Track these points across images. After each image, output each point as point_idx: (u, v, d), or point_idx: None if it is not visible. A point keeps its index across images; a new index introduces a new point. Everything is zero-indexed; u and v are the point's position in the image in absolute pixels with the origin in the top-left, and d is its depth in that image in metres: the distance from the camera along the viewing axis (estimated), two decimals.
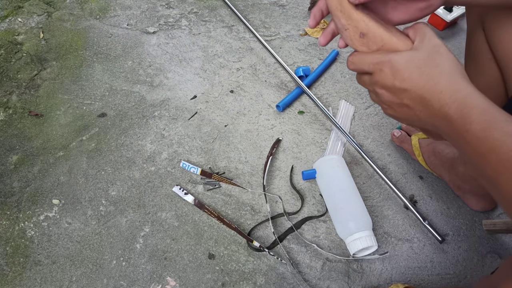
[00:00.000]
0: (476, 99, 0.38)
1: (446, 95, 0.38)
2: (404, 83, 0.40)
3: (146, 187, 0.86)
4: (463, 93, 0.38)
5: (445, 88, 0.39)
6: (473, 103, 0.37)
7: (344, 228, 0.73)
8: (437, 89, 0.39)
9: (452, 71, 0.40)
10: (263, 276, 0.74)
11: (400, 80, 0.40)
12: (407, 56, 0.41)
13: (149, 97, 1.01)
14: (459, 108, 0.38)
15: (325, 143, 0.91)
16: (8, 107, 1.00)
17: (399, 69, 0.40)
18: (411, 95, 0.40)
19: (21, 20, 1.19)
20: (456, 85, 0.39)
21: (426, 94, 0.39)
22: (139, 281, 0.74)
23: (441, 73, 0.39)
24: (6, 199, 0.85)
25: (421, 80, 0.39)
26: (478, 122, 0.36)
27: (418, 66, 0.40)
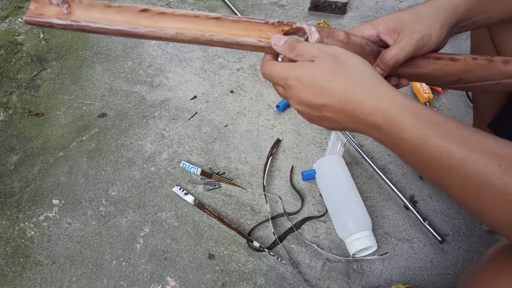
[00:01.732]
0: (401, 102, 0.36)
1: (368, 104, 0.36)
2: (319, 99, 0.38)
3: (146, 187, 0.86)
4: (385, 99, 0.36)
5: (365, 97, 0.37)
6: (398, 109, 0.36)
7: (344, 228, 0.73)
8: (356, 99, 0.37)
9: (364, 77, 0.38)
10: (263, 276, 0.74)
11: (314, 96, 0.39)
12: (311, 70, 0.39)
13: (149, 97, 1.01)
14: (386, 115, 0.36)
15: (325, 143, 0.91)
16: (8, 107, 1.00)
17: (309, 85, 0.39)
18: (331, 108, 0.39)
19: (21, 20, 1.19)
20: (374, 91, 0.37)
21: (347, 107, 0.37)
22: (139, 281, 0.74)
23: (354, 82, 0.37)
24: (6, 199, 0.85)
25: (335, 94, 0.38)
26: (411, 130, 0.35)
27: (327, 79, 0.38)
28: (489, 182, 0.32)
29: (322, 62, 0.39)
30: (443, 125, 0.34)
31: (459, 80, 0.49)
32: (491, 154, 0.32)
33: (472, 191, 0.33)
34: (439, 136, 0.34)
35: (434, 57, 0.48)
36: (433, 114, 0.35)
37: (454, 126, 0.34)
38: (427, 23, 0.45)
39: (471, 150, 0.33)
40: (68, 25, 0.40)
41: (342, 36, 0.45)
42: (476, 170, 0.32)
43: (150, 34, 0.42)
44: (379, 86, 0.37)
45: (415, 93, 0.99)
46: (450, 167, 0.33)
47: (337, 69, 0.38)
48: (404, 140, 0.35)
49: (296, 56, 0.41)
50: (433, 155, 0.34)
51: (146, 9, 0.42)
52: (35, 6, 0.40)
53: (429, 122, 0.35)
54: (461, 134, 0.34)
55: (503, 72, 0.47)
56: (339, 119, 0.39)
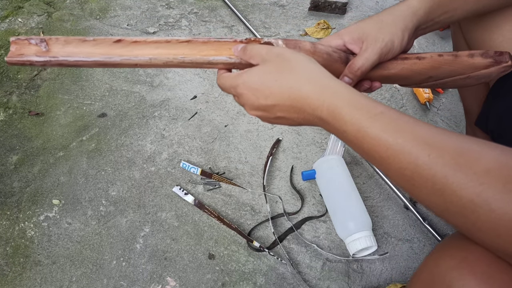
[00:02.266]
0: (343, 95, 0.38)
1: (313, 99, 0.38)
2: (270, 100, 0.40)
3: (146, 187, 0.86)
4: (328, 92, 0.38)
5: (310, 92, 0.38)
6: (341, 102, 0.37)
7: (344, 228, 0.73)
8: (302, 95, 0.39)
9: (308, 72, 0.39)
10: (263, 276, 0.74)
11: (264, 98, 0.40)
12: (258, 73, 0.41)
13: (149, 97, 1.01)
14: (330, 110, 0.37)
15: (325, 143, 0.91)
16: (8, 107, 1.00)
17: (257, 88, 0.40)
18: (282, 108, 0.40)
19: (21, 20, 1.19)
20: (318, 85, 0.39)
21: (295, 103, 0.39)
22: (139, 281, 0.74)
23: (299, 78, 0.39)
24: (6, 199, 0.85)
25: (283, 92, 0.39)
26: (351, 123, 0.36)
27: (274, 79, 0.40)
28: (420, 172, 0.33)
29: (268, 64, 0.41)
30: (380, 116, 0.36)
31: (430, 78, 0.50)
32: (423, 144, 0.33)
33: (408, 180, 0.34)
34: (375, 128, 0.35)
35: (401, 57, 0.49)
36: (372, 105, 0.37)
37: (390, 117, 0.35)
38: (388, 31, 0.47)
39: (405, 141, 0.34)
40: (47, 61, 0.43)
41: (308, 46, 0.47)
42: (409, 161, 0.33)
43: (125, 62, 0.44)
44: (324, 81, 0.39)
45: (415, 93, 0.99)
46: (387, 158, 0.35)
47: (282, 68, 0.40)
48: (347, 133, 0.37)
49: (249, 58, 0.43)
50: (372, 147, 0.36)
51: (120, 40, 0.44)
52: (15, 48, 0.43)
53: (367, 114, 0.36)
54: (396, 125, 0.35)
55: (470, 65, 0.48)
56: (292, 117, 0.41)
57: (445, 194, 0.32)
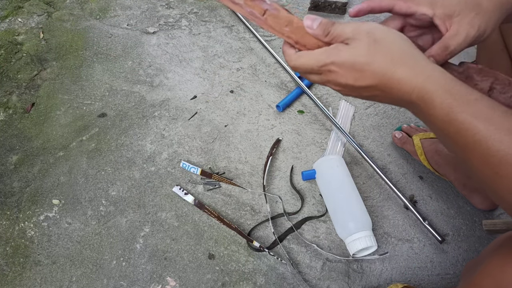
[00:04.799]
0: (436, 79, 0.37)
1: (405, 84, 0.37)
2: (359, 82, 0.39)
3: (146, 187, 0.86)
4: (421, 77, 0.37)
5: (403, 76, 0.37)
6: (433, 86, 0.36)
7: (344, 228, 0.73)
8: (394, 79, 0.37)
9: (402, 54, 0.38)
10: (263, 276, 0.74)
11: (353, 80, 0.39)
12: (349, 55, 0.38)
13: (149, 97, 1.01)
14: (420, 94, 0.37)
15: (325, 143, 0.91)
16: (8, 107, 1.00)
17: (348, 70, 0.39)
18: (369, 90, 0.39)
19: (21, 20, 1.19)
20: (413, 69, 0.37)
21: (384, 87, 0.38)
22: (139, 281, 0.74)
23: (393, 61, 0.38)
24: (6, 199, 0.85)
25: (375, 75, 0.38)
26: (440, 107, 0.36)
27: (366, 63, 0.38)
28: (510, 160, 0.33)
29: (358, 44, 0.38)
30: (473, 102, 0.35)
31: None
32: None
33: (492, 167, 0.34)
34: (467, 113, 0.35)
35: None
36: (466, 91, 0.36)
37: (484, 105, 0.35)
38: (486, 19, 0.42)
39: (497, 129, 0.34)
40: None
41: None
42: (498, 148, 0.33)
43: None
44: (418, 63, 0.38)
45: None
46: (473, 143, 0.34)
47: (374, 50, 0.38)
48: (434, 117, 0.37)
49: (331, 39, 0.41)
50: (459, 130, 0.35)
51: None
52: None
53: (460, 99, 0.35)
54: (490, 113, 0.34)
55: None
56: (377, 95, 0.40)
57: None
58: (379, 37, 0.38)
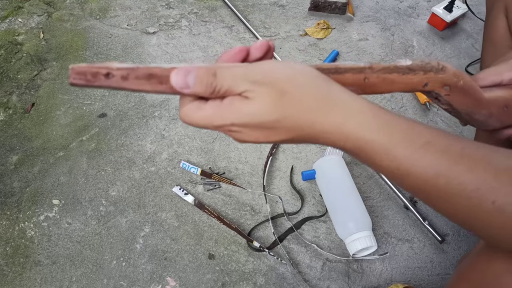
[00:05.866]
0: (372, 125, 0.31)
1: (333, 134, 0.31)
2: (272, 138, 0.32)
3: (146, 187, 0.86)
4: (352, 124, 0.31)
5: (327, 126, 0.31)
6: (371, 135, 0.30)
7: (344, 229, 0.73)
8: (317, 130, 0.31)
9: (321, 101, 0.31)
10: (263, 276, 0.74)
11: (265, 137, 0.32)
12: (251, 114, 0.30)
13: (149, 97, 1.01)
14: (357, 144, 0.31)
15: None
16: (8, 107, 1.00)
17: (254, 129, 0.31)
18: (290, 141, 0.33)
19: (21, 20, 1.19)
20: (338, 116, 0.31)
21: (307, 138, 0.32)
22: (139, 281, 0.74)
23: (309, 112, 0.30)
24: (6, 199, 0.85)
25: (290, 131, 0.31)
26: (388, 160, 0.31)
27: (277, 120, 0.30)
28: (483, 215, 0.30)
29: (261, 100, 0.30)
30: (426, 148, 0.30)
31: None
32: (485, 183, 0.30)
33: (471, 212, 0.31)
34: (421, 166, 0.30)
35: None
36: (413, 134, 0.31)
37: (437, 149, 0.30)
38: None
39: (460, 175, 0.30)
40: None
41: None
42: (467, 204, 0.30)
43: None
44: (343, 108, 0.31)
45: (415, 93, 0.99)
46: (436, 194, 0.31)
47: (283, 104, 0.30)
48: (383, 167, 0.32)
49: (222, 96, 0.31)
50: (416, 185, 0.31)
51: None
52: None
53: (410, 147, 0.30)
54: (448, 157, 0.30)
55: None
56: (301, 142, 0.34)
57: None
58: (287, 87, 0.30)
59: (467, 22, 1.13)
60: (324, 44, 1.11)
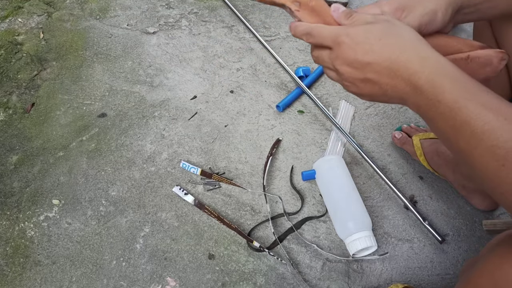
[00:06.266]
0: (447, 66, 0.36)
1: (415, 64, 0.37)
2: (367, 56, 0.39)
3: (146, 187, 0.86)
4: (432, 60, 0.37)
5: (413, 56, 0.37)
6: (444, 71, 0.36)
7: (344, 229, 0.73)
8: (404, 58, 0.37)
9: (415, 39, 0.38)
10: (263, 276, 0.74)
11: (362, 53, 0.39)
12: (365, 29, 0.40)
13: (149, 97, 1.01)
14: (430, 77, 0.36)
15: (325, 143, 0.91)
16: (8, 107, 1.00)
17: (359, 42, 0.39)
18: (376, 68, 0.39)
19: (21, 20, 1.19)
20: (424, 52, 0.37)
21: (393, 65, 0.38)
22: (139, 281, 0.74)
23: (405, 42, 0.38)
24: (6, 199, 0.85)
25: (384, 51, 0.38)
26: (450, 92, 0.35)
27: (379, 37, 0.38)
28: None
29: (375, 24, 0.40)
30: (483, 93, 0.34)
31: None
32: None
33: (498, 159, 0.33)
34: (476, 102, 0.34)
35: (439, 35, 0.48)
36: (475, 83, 0.36)
37: (494, 97, 0.34)
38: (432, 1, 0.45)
39: (506, 119, 0.33)
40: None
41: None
42: (506, 139, 0.32)
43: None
44: (427, 50, 0.38)
45: None
46: (481, 134, 0.33)
47: (389, 30, 0.39)
48: (442, 103, 0.35)
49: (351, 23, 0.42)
50: (467, 119, 0.34)
51: None
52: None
53: (470, 88, 0.35)
54: (499, 103, 0.34)
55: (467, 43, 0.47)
56: (381, 81, 0.39)
57: None
58: (396, 23, 0.40)
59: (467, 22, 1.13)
60: None
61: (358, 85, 0.41)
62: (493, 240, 0.45)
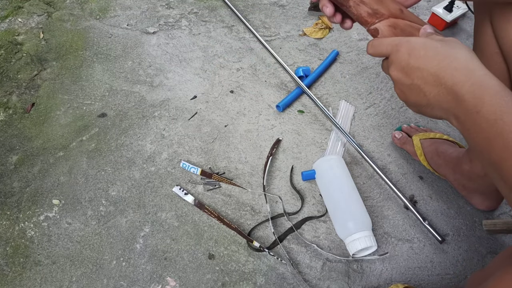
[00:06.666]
0: (491, 80, 0.37)
1: (461, 73, 0.38)
2: (418, 61, 0.41)
3: (146, 187, 0.86)
4: (478, 73, 0.38)
5: (460, 66, 0.38)
6: (487, 84, 0.37)
7: (344, 229, 0.73)
8: (452, 66, 0.39)
9: (468, 55, 0.40)
10: (263, 276, 0.74)
11: (415, 58, 0.41)
12: (423, 39, 0.42)
13: (149, 97, 1.01)
14: (472, 88, 0.37)
15: (325, 143, 0.91)
16: (8, 107, 1.00)
17: (415, 48, 0.41)
18: (423, 73, 0.40)
19: (21, 20, 1.19)
20: (471, 64, 0.39)
21: (440, 71, 0.39)
22: (139, 281, 0.74)
23: (457, 54, 0.39)
24: (6, 199, 0.85)
25: (436, 58, 0.40)
26: (490, 104, 0.36)
27: (435, 47, 0.40)
28: None
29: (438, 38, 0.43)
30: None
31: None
32: None
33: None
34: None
35: None
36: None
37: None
38: None
39: None
40: None
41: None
42: None
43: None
44: (477, 63, 0.39)
45: None
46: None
47: (448, 43, 0.41)
48: (479, 114, 0.36)
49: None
50: (501, 131, 0.35)
51: None
52: None
53: (509, 102, 0.35)
54: None
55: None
56: (426, 88, 0.40)
57: None
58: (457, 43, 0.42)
59: (467, 22, 1.13)
60: (324, 44, 1.11)
61: (406, 92, 0.43)
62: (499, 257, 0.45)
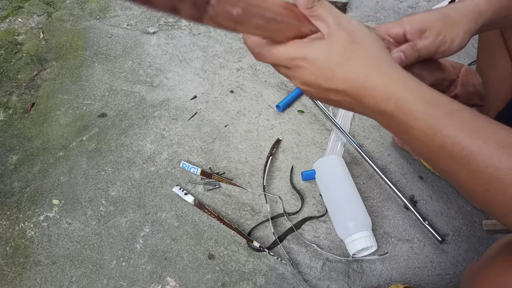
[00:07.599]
0: (415, 89, 0.34)
1: (380, 91, 0.35)
2: (329, 83, 0.36)
3: (146, 187, 0.86)
4: (399, 85, 0.35)
5: (378, 83, 0.35)
6: (412, 96, 0.34)
7: (344, 229, 0.73)
8: (368, 85, 0.35)
9: (379, 60, 0.36)
10: (263, 276, 0.74)
11: (324, 80, 0.36)
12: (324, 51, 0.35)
13: (149, 97, 1.01)
14: (398, 104, 0.34)
15: (325, 143, 0.91)
16: (8, 107, 1.00)
17: (319, 68, 0.36)
18: (340, 93, 0.37)
19: (21, 20, 1.19)
20: (388, 76, 0.35)
21: (357, 92, 0.36)
22: (139, 281, 0.74)
23: (368, 67, 0.35)
24: (6, 199, 0.85)
25: (347, 79, 0.35)
26: (423, 118, 0.33)
27: (341, 64, 0.35)
28: (501, 177, 0.31)
29: (336, 41, 0.35)
30: (456, 114, 0.33)
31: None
32: (505, 147, 0.31)
33: (482, 184, 0.32)
34: (451, 125, 0.32)
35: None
36: (447, 102, 0.34)
37: (468, 116, 0.33)
38: (452, 29, 0.45)
39: (484, 142, 0.31)
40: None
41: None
42: (488, 164, 0.31)
43: None
44: (393, 71, 0.36)
45: None
46: (461, 159, 0.32)
47: (351, 51, 0.35)
48: (415, 129, 0.34)
49: (311, 15, 0.36)
50: (444, 145, 0.33)
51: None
52: None
53: (442, 110, 0.33)
54: (475, 124, 0.32)
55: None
56: (346, 103, 0.37)
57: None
58: (359, 39, 0.36)
59: None
60: None
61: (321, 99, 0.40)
62: (493, 246, 0.45)
